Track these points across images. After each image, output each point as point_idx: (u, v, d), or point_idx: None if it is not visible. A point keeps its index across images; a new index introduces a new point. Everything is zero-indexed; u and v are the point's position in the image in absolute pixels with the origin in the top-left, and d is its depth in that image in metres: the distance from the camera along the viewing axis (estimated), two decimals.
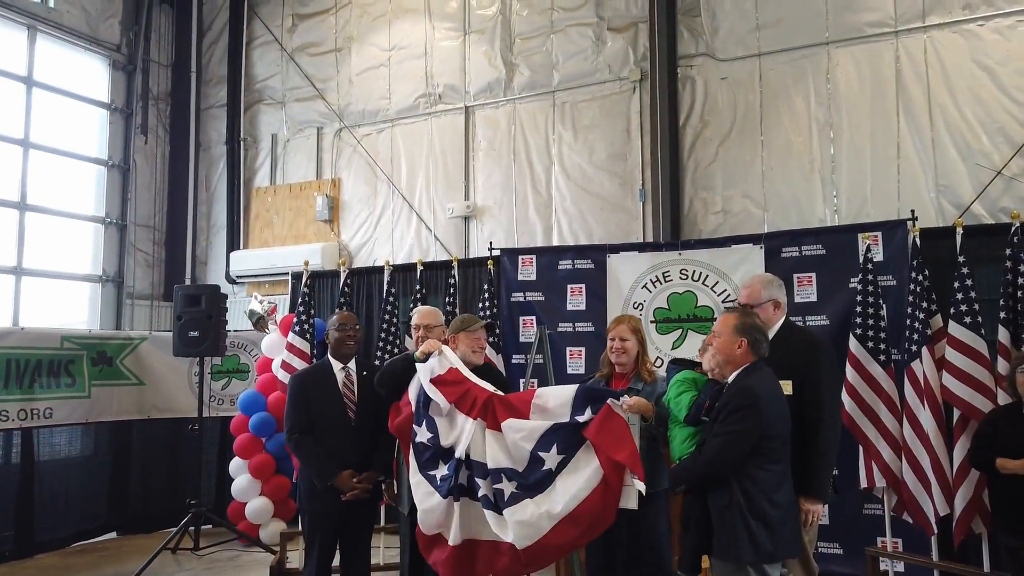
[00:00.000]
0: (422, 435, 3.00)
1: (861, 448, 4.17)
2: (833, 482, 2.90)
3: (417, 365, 3.07)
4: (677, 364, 3.10)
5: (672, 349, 4.92)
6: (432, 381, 2.99)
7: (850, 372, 4.14)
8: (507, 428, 2.88)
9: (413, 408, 3.04)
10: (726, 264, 4.87)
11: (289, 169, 7.68)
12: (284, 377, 5.00)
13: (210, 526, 5.54)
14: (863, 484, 4.17)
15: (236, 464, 5.64)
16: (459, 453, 2.91)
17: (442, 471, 2.94)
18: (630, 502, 2.75)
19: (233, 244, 7.77)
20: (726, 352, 2.65)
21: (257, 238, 7.69)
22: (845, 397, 4.09)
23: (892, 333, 4.27)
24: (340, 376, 3.34)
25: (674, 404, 2.88)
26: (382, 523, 4.82)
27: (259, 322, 5.96)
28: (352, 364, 3.38)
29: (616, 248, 5.20)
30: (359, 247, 7.17)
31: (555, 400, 2.89)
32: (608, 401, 2.83)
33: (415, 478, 2.99)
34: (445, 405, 2.95)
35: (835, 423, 2.88)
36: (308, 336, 5.16)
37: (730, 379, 2.66)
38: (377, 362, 4.56)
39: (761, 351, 2.64)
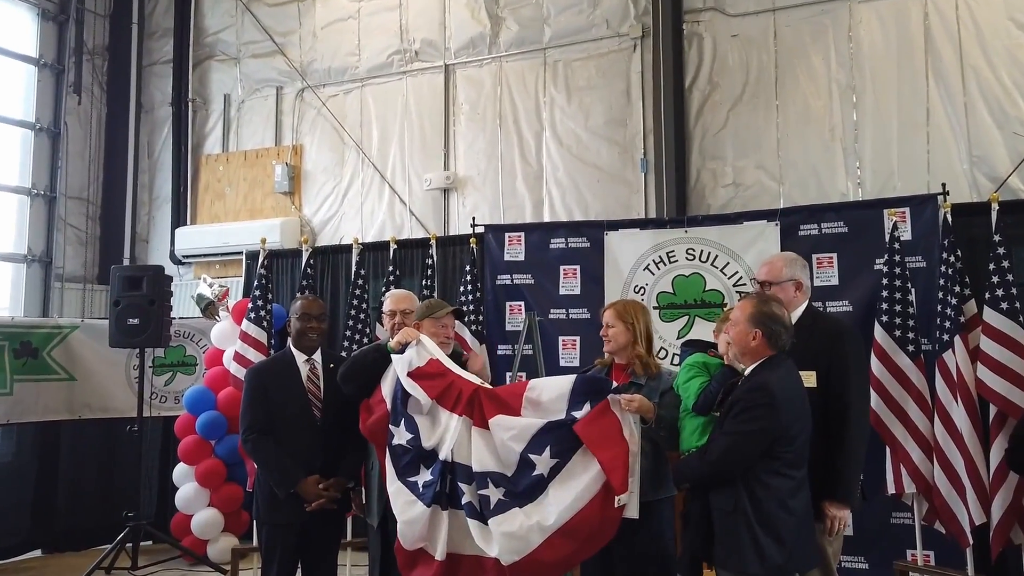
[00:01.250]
0: (400, 436, 2.94)
1: (888, 449, 4.16)
2: (860, 487, 2.89)
3: (392, 357, 3.01)
4: (690, 346, 3.10)
5: (678, 338, 4.89)
6: (410, 375, 2.93)
7: (875, 364, 4.12)
8: (495, 426, 2.83)
9: (388, 406, 2.98)
10: (737, 243, 4.85)
11: (244, 134, 7.61)
12: (237, 371, 4.91)
13: (150, 542, 5.52)
14: (890, 490, 4.16)
15: (181, 471, 5.57)
16: (444, 455, 2.86)
17: (425, 476, 2.88)
18: (631, 511, 2.73)
19: (179, 219, 7.69)
20: (741, 343, 2.64)
21: (207, 212, 7.61)
22: (870, 392, 4.01)
23: (921, 320, 4.26)
24: (304, 369, 3.29)
25: (683, 390, 2.87)
26: (349, 537, 4.79)
27: (208, 308, 5.87)
28: (318, 356, 3.33)
29: (615, 225, 5.19)
30: (324, 223, 7.11)
31: (549, 393, 2.85)
32: (609, 396, 2.79)
33: (393, 486, 2.93)
34: (426, 401, 2.90)
35: (863, 418, 2.87)
36: (265, 324, 5.03)
37: (747, 372, 2.65)
38: (344, 354, 4.48)
39: (780, 343, 2.61)
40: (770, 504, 2.47)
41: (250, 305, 5.15)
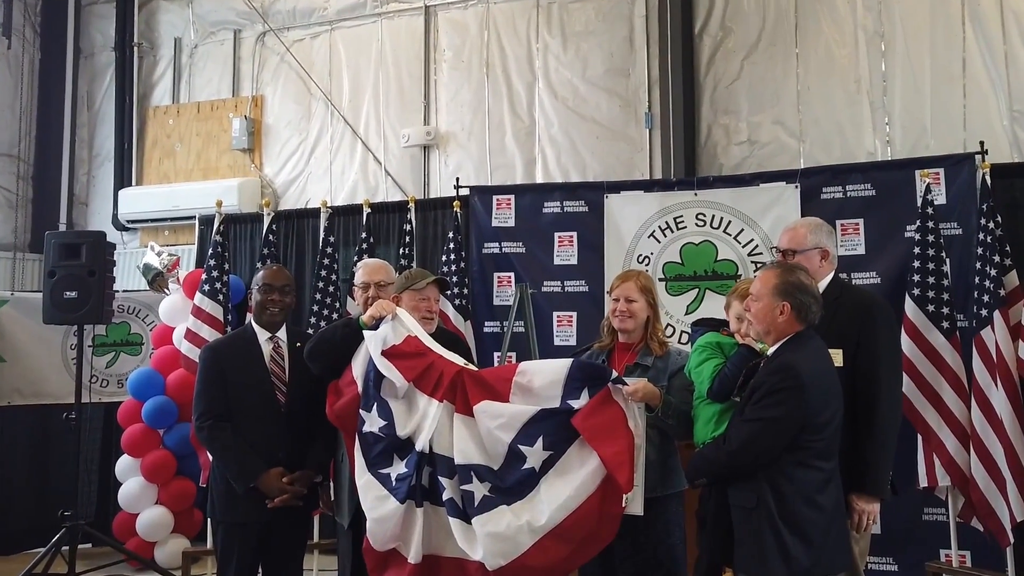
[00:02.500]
0: (372, 423, 2.92)
1: (920, 438, 4.16)
2: (891, 480, 2.90)
3: (364, 333, 2.99)
4: (701, 325, 3.07)
5: (686, 314, 4.88)
6: (384, 354, 2.91)
7: (906, 343, 4.12)
8: (480, 413, 2.81)
9: (360, 388, 2.96)
10: (753, 207, 4.85)
11: (197, 84, 7.50)
12: (189, 351, 4.91)
13: (90, 545, 5.46)
14: (923, 483, 4.16)
15: (125, 464, 5.51)
16: (420, 446, 2.85)
17: (399, 469, 2.87)
18: (635, 507, 2.70)
19: (123, 180, 7.58)
20: (765, 319, 2.61)
21: (154, 172, 7.53)
22: (902, 373, 4.02)
23: (957, 294, 4.27)
24: (267, 348, 3.27)
25: (695, 375, 2.86)
26: (316, 538, 4.79)
27: (156, 280, 5.79)
28: (282, 333, 3.32)
29: (616, 187, 5.19)
30: (288, 184, 7.05)
31: (542, 378, 2.82)
32: (609, 384, 2.78)
33: (363, 478, 2.91)
34: (402, 384, 2.87)
35: (895, 402, 2.89)
36: (221, 298, 5.01)
37: (771, 351, 2.62)
38: (311, 332, 4.41)
39: (810, 317, 2.59)
40: (796, 500, 2.45)
41: (204, 276, 5.12)
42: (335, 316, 5.04)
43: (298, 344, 3.28)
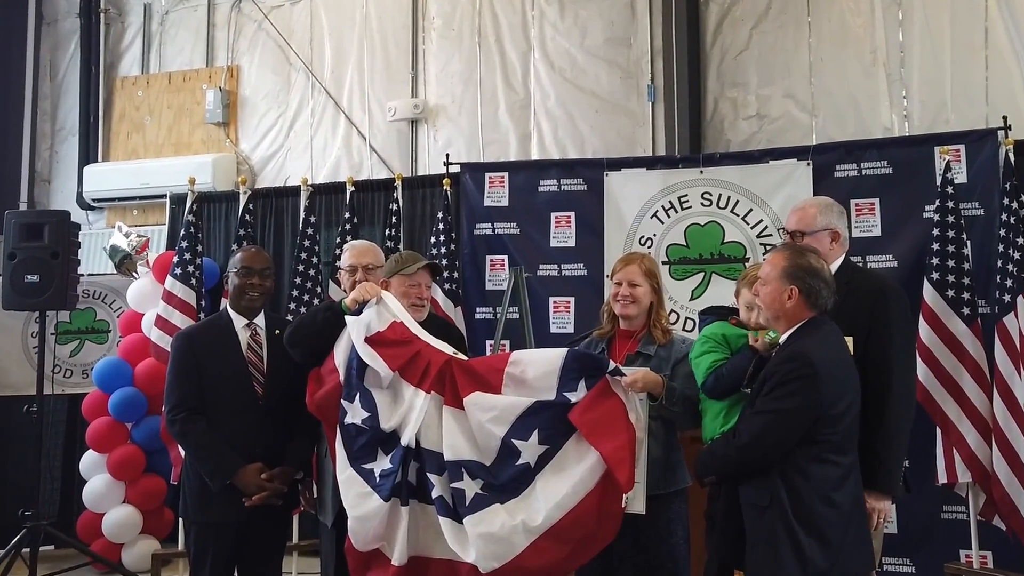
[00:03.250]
0: (354, 414, 2.90)
1: (938, 431, 4.16)
2: (904, 476, 2.92)
3: (347, 319, 2.97)
4: (709, 314, 3.07)
5: (691, 300, 4.88)
6: (368, 340, 2.90)
7: (924, 330, 4.13)
8: (471, 405, 2.82)
9: (342, 377, 2.95)
10: (762, 185, 4.84)
11: (168, 53, 7.43)
12: (159, 339, 4.88)
13: (52, 547, 5.43)
14: (941, 479, 4.16)
15: (90, 460, 5.48)
16: (406, 440, 2.85)
17: (383, 464, 2.86)
18: (636, 504, 2.70)
19: (88, 155, 7.51)
20: (774, 305, 2.61)
21: (122, 147, 7.46)
22: (918, 362, 3.96)
23: (979, 278, 4.26)
24: (244, 336, 3.25)
25: (695, 366, 2.88)
26: (296, 539, 4.78)
27: (124, 263, 5.75)
28: (260, 320, 3.30)
29: (617, 164, 5.17)
30: (265, 160, 7.00)
31: (536, 368, 2.83)
32: (607, 376, 2.78)
33: (344, 473, 2.90)
34: (387, 374, 2.86)
35: (908, 392, 2.90)
36: (194, 282, 5.00)
37: (782, 339, 2.62)
38: (291, 317, 4.47)
39: (821, 302, 2.59)
40: (812, 497, 2.45)
41: (175, 259, 5.09)
42: (316, 302, 5.02)
43: (277, 332, 3.26)
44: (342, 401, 2.92)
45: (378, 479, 2.84)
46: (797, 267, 2.58)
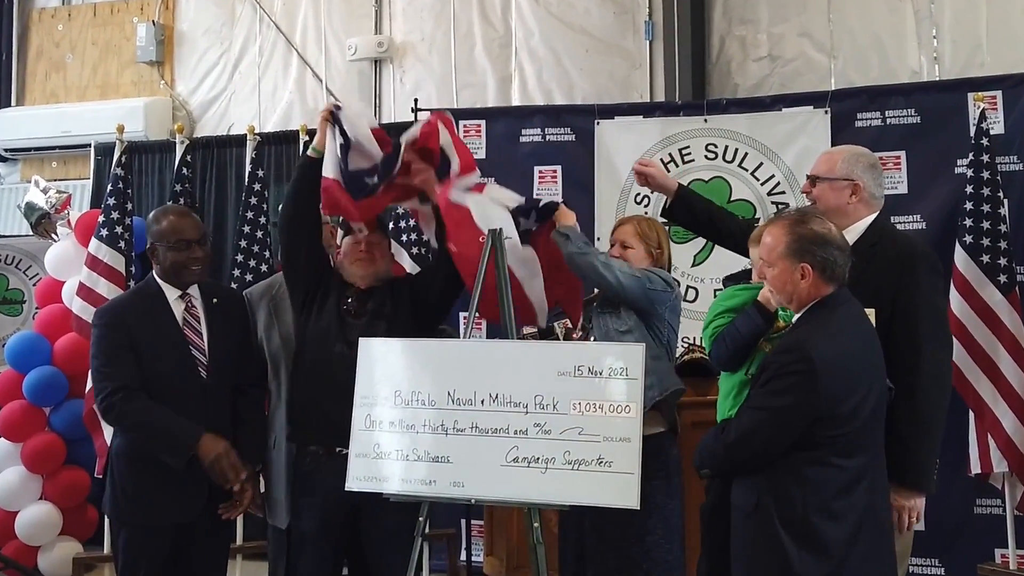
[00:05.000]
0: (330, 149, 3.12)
1: (971, 415, 4.14)
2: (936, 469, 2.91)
3: (338, 114, 3.10)
4: (732, 281, 3.15)
5: (693, 265, 4.89)
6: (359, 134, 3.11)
7: (955, 300, 4.12)
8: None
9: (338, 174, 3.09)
10: (774, 136, 4.87)
11: None
12: (83, 311, 4.75)
13: None
14: (974, 469, 4.14)
15: (1, 450, 5.36)
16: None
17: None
18: (630, 498, 2.59)
19: (0, 99, 7.37)
20: (785, 287, 2.54)
21: (39, 89, 7.35)
22: (951, 338, 4.01)
23: (1017, 242, 4.27)
24: (178, 309, 3.20)
25: (704, 339, 2.95)
26: (240, 540, 4.70)
27: (42, 223, 5.65)
28: (194, 290, 3.27)
29: (609, 111, 5.18)
30: (206, 105, 6.92)
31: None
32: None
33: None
34: (376, 150, 3.11)
35: (941, 374, 2.86)
36: (122, 245, 4.92)
37: (794, 319, 2.58)
38: (235, 285, 4.45)
39: (838, 273, 2.51)
40: (806, 506, 2.40)
41: (101, 218, 5.00)
42: (264, 268, 4.97)
43: (215, 300, 3.24)
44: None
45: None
46: (802, 239, 2.49)
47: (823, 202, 2.95)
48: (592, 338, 3.12)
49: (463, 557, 4.62)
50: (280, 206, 3.26)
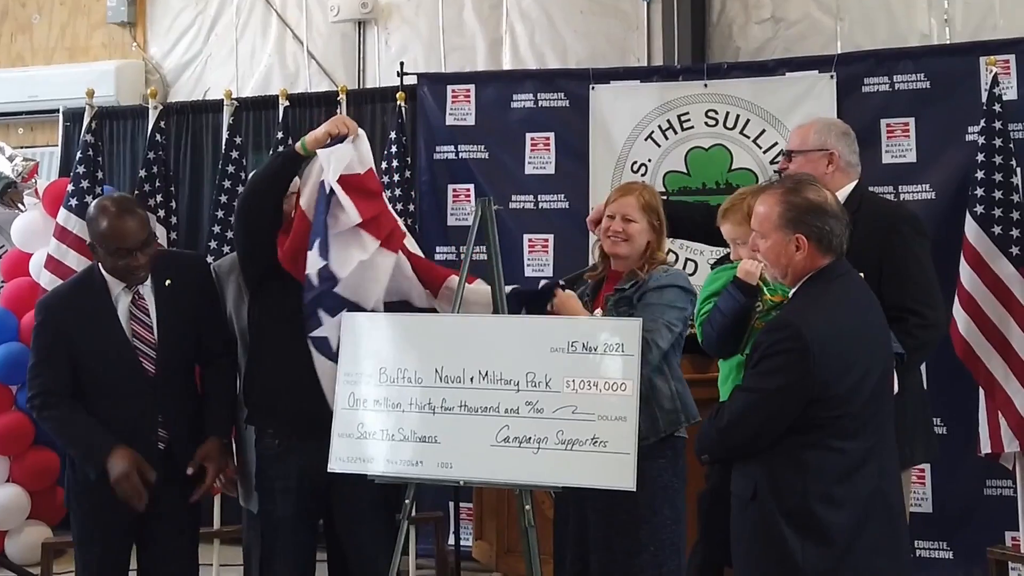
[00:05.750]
0: (313, 263, 2.92)
1: (982, 392, 4.12)
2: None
3: (320, 151, 2.93)
4: (719, 266, 3.20)
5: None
6: (343, 181, 2.90)
7: (966, 273, 4.12)
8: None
9: (311, 217, 2.97)
10: (778, 102, 4.85)
11: None
12: (51, 284, 4.69)
13: None
14: (984, 449, 4.12)
15: None
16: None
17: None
18: (626, 478, 2.58)
19: None
20: (780, 260, 2.51)
21: (4, 52, 7.25)
22: (958, 311, 4.10)
23: None
24: (123, 303, 3.12)
25: (699, 330, 2.96)
26: (217, 524, 4.73)
27: (8, 192, 5.65)
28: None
29: (605, 75, 5.17)
30: (180, 68, 6.84)
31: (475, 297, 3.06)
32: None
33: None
34: (355, 218, 2.90)
35: (924, 343, 2.96)
36: None
37: (791, 293, 2.57)
38: (211, 259, 4.34)
39: (835, 243, 2.48)
40: (805, 493, 2.38)
41: (70, 187, 4.99)
42: None
43: (168, 283, 3.13)
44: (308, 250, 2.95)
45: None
46: (796, 208, 2.46)
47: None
48: None
49: (451, 541, 4.62)
50: (243, 194, 3.16)
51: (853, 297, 2.53)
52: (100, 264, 3.13)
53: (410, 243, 3.22)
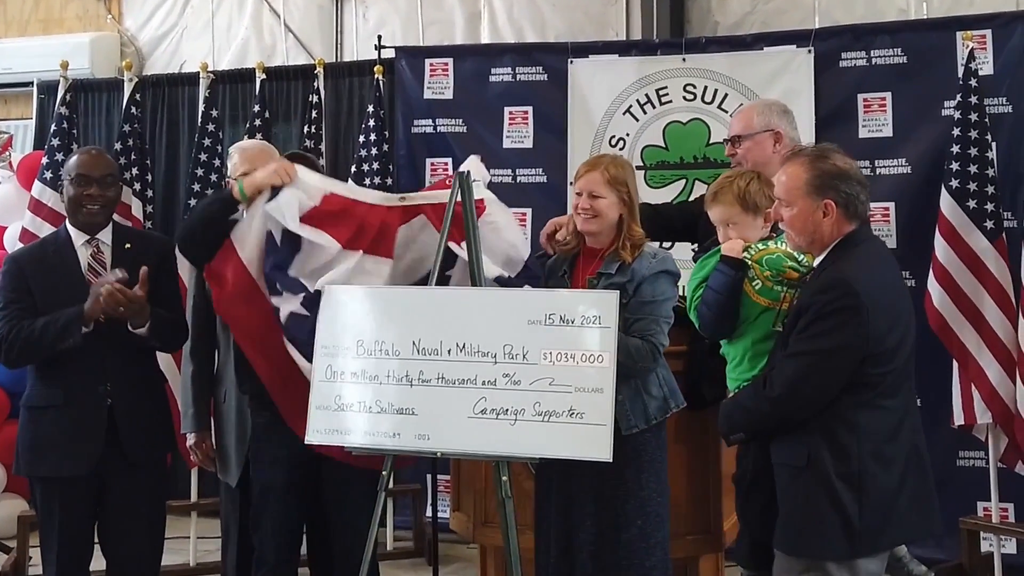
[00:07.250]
0: (288, 303, 2.95)
1: (955, 364, 4.16)
2: None
3: (266, 207, 2.92)
4: (701, 255, 3.14)
5: None
6: (305, 220, 2.92)
7: (940, 246, 4.14)
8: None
9: (253, 273, 2.98)
10: (755, 77, 4.86)
11: None
12: None
13: None
14: (957, 420, 4.16)
15: None
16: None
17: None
18: (603, 449, 2.56)
19: None
20: (806, 228, 2.53)
21: None
22: (933, 285, 4.13)
23: (1006, 187, 4.28)
24: (84, 254, 3.23)
25: (691, 316, 2.93)
26: (195, 497, 4.76)
27: None
28: (105, 235, 3.30)
29: (583, 49, 5.18)
30: (156, 41, 6.87)
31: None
32: None
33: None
34: (334, 247, 2.93)
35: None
36: None
37: (816, 262, 2.57)
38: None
39: (860, 210, 2.52)
40: (861, 454, 2.39)
41: (45, 160, 4.99)
42: None
43: (127, 245, 3.23)
44: (271, 298, 2.95)
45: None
46: (824, 174, 2.48)
47: (751, 158, 3.21)
48: None
49: (429, 513, 4.63)
50: (181, 234, 3.18)
51: (884, 255, 2.59)
52: (66, 207, 3.24)
53: (498, 209, 3.25)
